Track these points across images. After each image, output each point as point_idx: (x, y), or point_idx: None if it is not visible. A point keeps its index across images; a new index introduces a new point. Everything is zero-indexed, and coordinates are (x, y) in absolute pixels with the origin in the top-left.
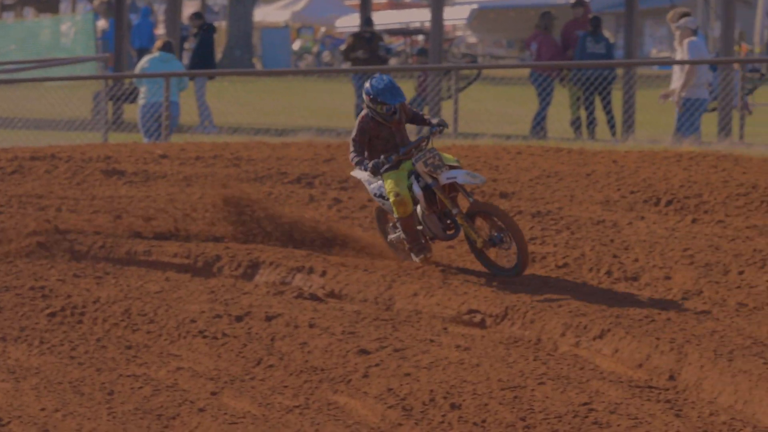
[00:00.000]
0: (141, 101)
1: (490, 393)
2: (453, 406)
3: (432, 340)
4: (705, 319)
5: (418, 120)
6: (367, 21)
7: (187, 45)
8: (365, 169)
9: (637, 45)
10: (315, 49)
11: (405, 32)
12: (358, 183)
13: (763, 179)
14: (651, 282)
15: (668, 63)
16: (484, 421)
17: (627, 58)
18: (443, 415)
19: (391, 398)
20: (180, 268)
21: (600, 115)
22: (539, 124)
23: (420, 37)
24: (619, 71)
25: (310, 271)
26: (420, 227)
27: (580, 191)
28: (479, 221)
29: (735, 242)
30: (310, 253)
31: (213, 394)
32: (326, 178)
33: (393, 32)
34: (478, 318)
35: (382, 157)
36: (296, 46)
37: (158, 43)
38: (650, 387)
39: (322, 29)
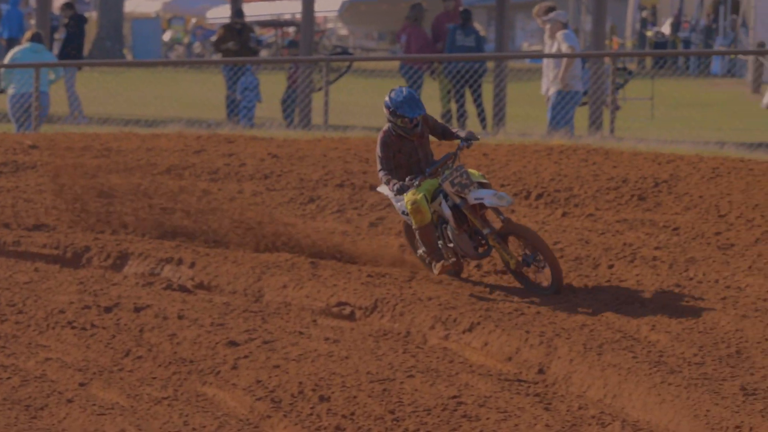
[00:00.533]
0: (10, 91)
1: (359, 385)
2: (322, 399)
3: (301, 333)
4: (574, 312)
5: (447, 134)
6: (238, 12)
7: (57, 35)
8: (398, 192)
9: (509, 38)
10: (186, 40)
11: (276, 24)
12: (227, 174)
13: (633, 173)
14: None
15: (540, 56)
16: (352, 414)
17: (498, 51)
18: (312, 408)
19: (260, 390)
20: (49, 258)
21: (470, 108)
22: None
23: (291, 29)
24: (490, 64)
25: (180, 262)
26: (451, 245)
27: None
28: (512, 240)
29: (605, 236)
30: (179, 245)
31: (81, 385)
32: (196, 170)
33: (264, 24)
34: (347, 310)
35: (407, 179)
36: (167, 37)
37: (27, 34)
38: (519, 380)
39: (193, 20)
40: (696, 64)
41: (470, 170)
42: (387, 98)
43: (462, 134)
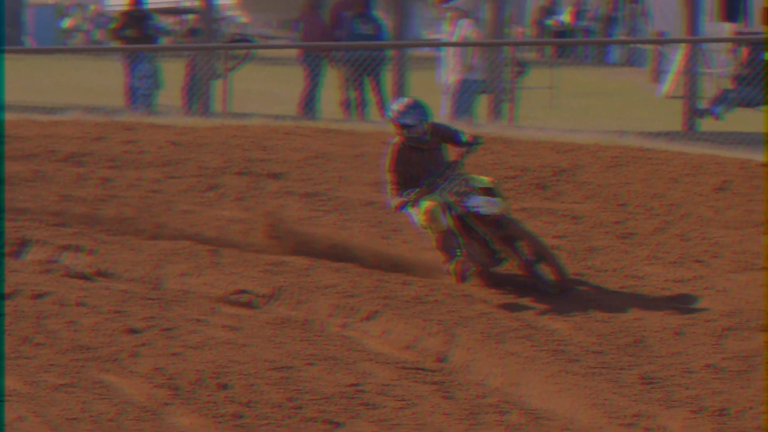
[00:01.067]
0: None
1: (259, 373)
2: (221, 386)
3: (201, 320)
4: (475, 301)
5: (455, 139)
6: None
7: None
8: (397, 209)
9: (408, 27)
10: (86, 27)
11: (176, 11)
12: (127, 162)
13: (533, 162)
14: (423, 263)
15: (439, 45)
16: (252, 402)
17: (398, 39)
18: (211, 395)
19: (160, 377)
20: None
21: (371, 96)
22: (309, 104)
23: (191, 17)
24: (391, 52)
25: (79, 249)
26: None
27: (351, 172)
28: (522, 243)
29: None
30: (79, 232)
31: None
32: (96, 157)
33: (164, 11)
34: (247, 298)
35: (404, 194)
36: (67, 24)
37: None
38: (420, 368)
39: (93, 7)
40: (593, 52)
41: (477, 177)
42: (389, 111)
43: (468, 139)
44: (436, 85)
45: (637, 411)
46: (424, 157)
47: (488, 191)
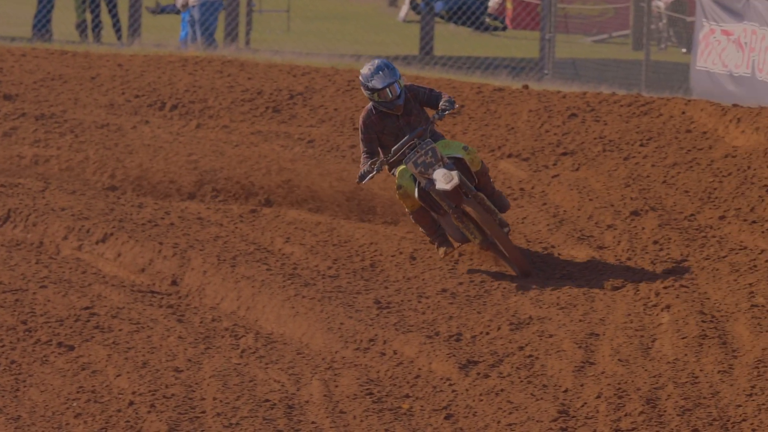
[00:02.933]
0: None
1: None
2: None
3: None
4: (209, 224)
5: (432, 102)
6: None
7: None
8: (359, 179)
9: None
10: None
11: None
12: None
13: (268, 85)
14: (157, 185)
15: None
16: None
17: None
18: None
19: None
20: None
21: (106, 18)
22: (44, 26)
23: None
24: None
25: None
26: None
27: (85, 94)
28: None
29: (240, 148)
30: None
31: None
32: None
33: None
34: None
35: (369, 163)
36: None
37: None
38: (153, 292)
39: None
40: None
41: (449, 142)
42: (360, 76)
43: (441, 101)
44: (179, 7)
45: (372, 335)
46: (399, 124)
47: (457, 160)
